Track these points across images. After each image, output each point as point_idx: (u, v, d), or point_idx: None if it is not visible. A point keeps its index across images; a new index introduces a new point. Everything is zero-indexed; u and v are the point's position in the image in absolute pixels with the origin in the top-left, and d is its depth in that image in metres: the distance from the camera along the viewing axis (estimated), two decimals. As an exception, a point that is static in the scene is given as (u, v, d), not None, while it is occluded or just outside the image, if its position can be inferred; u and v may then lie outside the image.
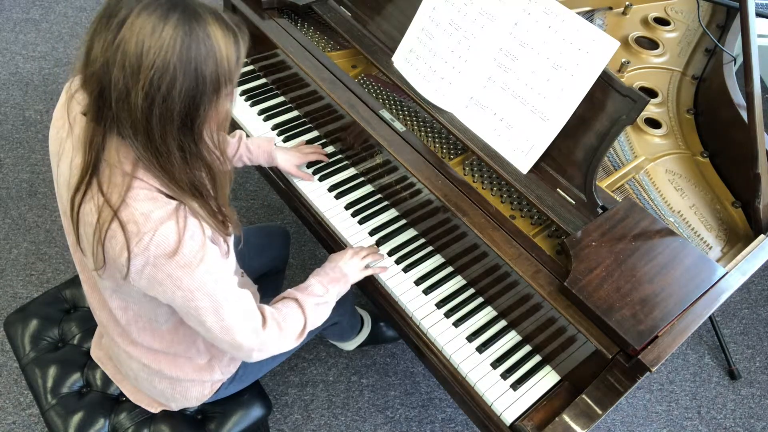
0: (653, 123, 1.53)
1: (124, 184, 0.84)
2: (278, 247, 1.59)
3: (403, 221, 1.42)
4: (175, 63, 0.75)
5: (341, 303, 1.27)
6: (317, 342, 1.95)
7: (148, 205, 0.84)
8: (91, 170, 0.84)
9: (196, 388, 1.19)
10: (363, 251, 1.31)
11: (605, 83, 1.15)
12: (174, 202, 0.86)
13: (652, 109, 1.56)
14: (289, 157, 1.45)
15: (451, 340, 1.25)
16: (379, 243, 1.38)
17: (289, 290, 1.18)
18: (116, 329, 1.09)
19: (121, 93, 0.76)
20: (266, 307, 1.08)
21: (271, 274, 1.62)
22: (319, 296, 1.18)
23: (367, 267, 1.30)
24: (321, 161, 1.51)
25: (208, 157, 0.88)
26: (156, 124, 0.78)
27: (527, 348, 1.25)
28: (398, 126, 1.38)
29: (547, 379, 1.21)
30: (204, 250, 0.89)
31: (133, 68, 0.75)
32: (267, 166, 1.47)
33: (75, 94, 0.88)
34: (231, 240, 1.01)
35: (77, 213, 0.88)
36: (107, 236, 0.84)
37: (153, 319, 1.03)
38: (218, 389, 1.23)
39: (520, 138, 1.26)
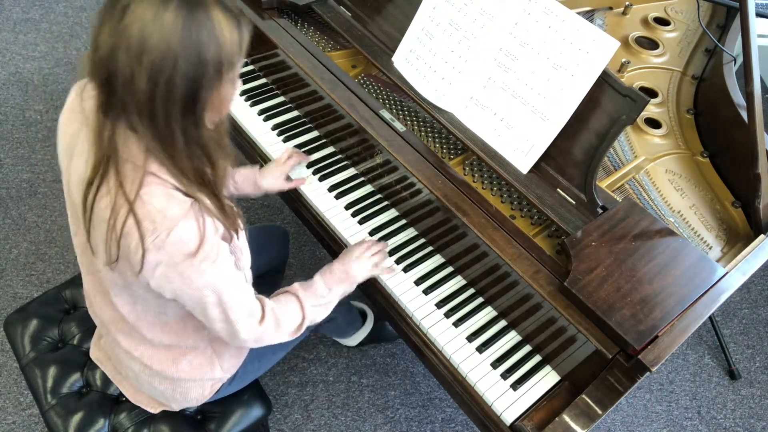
0: (653, 123, 1.53)
1: (137, 177, 0.85)
2: (277, 247, 1.59)
3: (403, 221, 1.42)
4: (176, 46, 0.76)
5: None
6: (317, 342, 1.95)
7: (164, 202, 0.85)
8: (105, 163, 0.85)
9: (196, 389, 1.19)
10: (371, 250, 1.30)
11: (605, 83, 1.15)
12: (189, 200, 0.87)
13: (652, 109, 1.56)
14: (275, 175, 1.43)
15: (451, 340, 1.25)
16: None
17: (294, 284, 1.19)
18: (122, 328, 1.09)
19: (126, 77, 0.77)
20: (267, 301, 1.10)
21: (270, 274, 1.62)
22: (320, 296, 1.19)
23: (375, 266, 1.30)
24: (321, 162, 1.51)
25: (208, 144, 0.88)
26: (159, 107, 0.79)
27: (527, 348, 1.25)
28: (398, 126, 1.38)
29: (547, 379, 1.21)
30: (218, 249, 0.91)
31: (137, 52, 0.76)
32: (254, 195, 1.44)
33: (85, 87, 0.91)
34: (243, 235, 1.02)
35: (91, 209, 0.88)
36: (123, 232, 0.85)
37: (161, 312, 1.04)
38: (218, 389, 1.23)
39: (520, 138, 1.26)
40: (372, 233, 1.39)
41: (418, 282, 1.32)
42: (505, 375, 1.20)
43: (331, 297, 1.21)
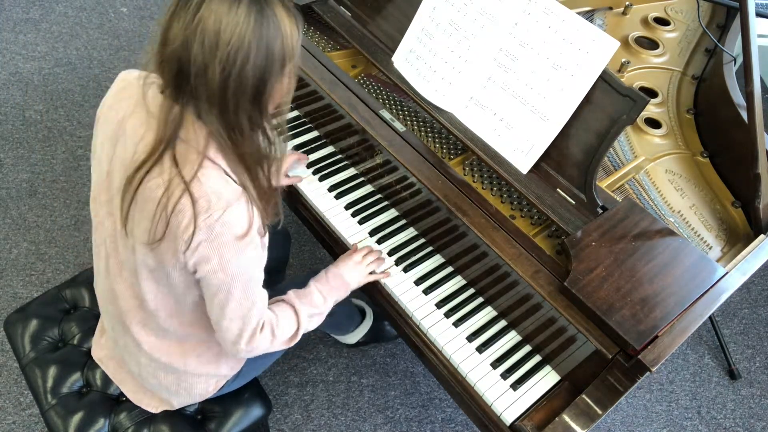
0: (653, 123, 1.53)
1: (196, 161, 0.89)
2: (278, 247, 1.59)
3: (403, 221, 1.42)
4: (249, 39, 0.81)
5: None
6: (317, 342, 1.95)
7: (220, 185, 0.90)
8: (164, 145, 0.88)
9: (201, 384, 1.19)
10: (367, 259, 1.30)
11: (605, 83, 1.15)
12: (239, 187, 0.92)
13: (652, 109, 1.57)
14: None
15: (451, 340, 1.25)
16: (379, 243, 1.38)
17: (289, 293, 1.19)
18: (138, 317, 1.10)
19: (200, 68, 0.82)
20: (266, 311, 1.09)
21: (270, 274, 1.61)
22: (316, 306, 1.19)
23: (370, 273, 1.31)
24: (321, 162, 1.51)
25: (270, 129, 0.93)
26: (231, 96, 0.84)
27: (527, 348, 1.25)
28: (398, 126, 1.38)
29: (547, 379, 1.21)
30: (257, 240, 0.96)
31: (212, 44, 0.80)
32: None
33: (148, 75, 0.93)
34: (266, 236, 1.03)
35: (135, 190, 0.91)
36: (176, 210, 0.88)
37: (181, 301, 1.05)
38: (222, 386, 1.23)
39: (520, 138, 1.26)
40: (372, 233, 1.39)
41: (418, 282, 1.32)
42: (505, 375, 1.20)
43: (325, 307, 1.22)
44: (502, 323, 1.28)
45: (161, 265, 0.97)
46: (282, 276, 1.76)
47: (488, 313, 1.30)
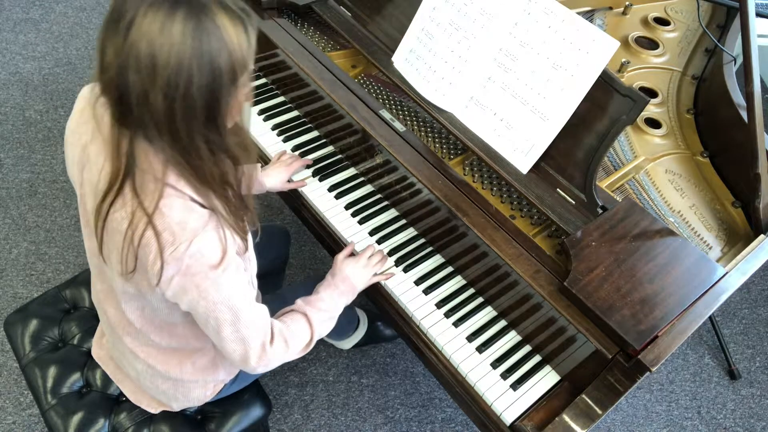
0: (653, 123, 1.53)
1: (157, 190, 0.83)
2: (278, 247, 1.59)
3: (403, 221, 1.42)
4: (189, 59, 0.73)
5: None
6: (317, 342, 1.95)
7: (184, 214, 0.85)
8: (122, 176, 0.83)
9: (198, 389, 1.19)
10: (373, 260, 1.30)
11: (605, 83, 1.15)
12: (207, 212, 0.87)
13: (652, 109, 1.56)
14: (277, 175, 1.42)
15: (451, 340, 1.25)
16: (379, 243, 1.38)
17: (298, 302, 1.17)
18: (129, 331, 1.09)
19: (140, 96, 0.75)
20: (275, 322, 1.08)
21: (271, 274, 1.62)
22: (326, 311, 1.18)
23: (374, 275, 1.30)
24: (321, 162, 1.51)
25: (232, 147, 0.86)
26: (180, 122, 0.77)
27: (527, 348, 1.25)
28: (398, 126, 1.38)
29: (547, 379, 1.21)
30: (235, 264, 0.90)
31: (148, 70, 0.73)
32: (255, 193, 1.42)
33: (99, 96, 0.84)
34: (251, 244, 1.01)
35: (104, 221, 0.87)
36: (141, 244, 0.84)
37: (168, 320, 1.03)
38: (220, 390, 1.23)
39: (520, 138, 1.26)
40: (372, 233, 1.39)
41: (418, 282, 1.32)
42: (504, 375, 1.20)
43: (336, 310, 1.21)
44: (502, 323, 1.28)
45: (140, 293, 0.94)
46: (282, 276, 1.76)
47: (488, 313, 1.30)
